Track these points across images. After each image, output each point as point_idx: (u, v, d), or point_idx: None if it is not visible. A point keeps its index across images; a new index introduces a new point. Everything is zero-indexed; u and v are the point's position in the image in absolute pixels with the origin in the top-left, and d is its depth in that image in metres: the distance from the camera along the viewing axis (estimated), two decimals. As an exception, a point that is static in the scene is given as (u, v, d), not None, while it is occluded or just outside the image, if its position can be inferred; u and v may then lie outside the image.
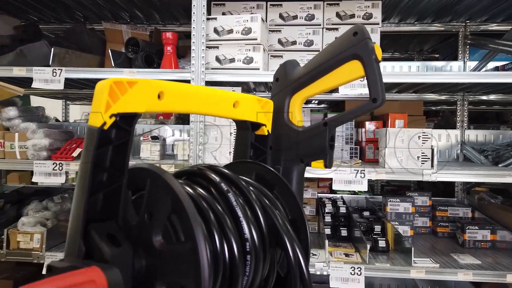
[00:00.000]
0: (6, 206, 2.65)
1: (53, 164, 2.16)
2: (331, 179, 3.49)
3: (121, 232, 0.49)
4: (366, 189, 2.10)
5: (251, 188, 0.58)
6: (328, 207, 2.67)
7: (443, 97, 3.03)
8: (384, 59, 3.76)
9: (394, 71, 2.84)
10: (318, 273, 2.10)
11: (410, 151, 2.16)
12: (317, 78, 0.67)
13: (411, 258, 2.08)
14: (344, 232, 2.54)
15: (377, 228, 2.46)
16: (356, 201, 3.06)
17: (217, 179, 0.55)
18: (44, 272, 2.15)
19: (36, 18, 3.05)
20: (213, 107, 0.61)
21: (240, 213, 0.53)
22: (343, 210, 2.63)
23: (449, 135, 2.98)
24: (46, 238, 2.21)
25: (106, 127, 0.48)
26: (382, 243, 2.33)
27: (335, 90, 2.94)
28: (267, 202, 0.58)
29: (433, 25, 3.01)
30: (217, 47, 2.19)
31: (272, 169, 0.62)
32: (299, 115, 0.71)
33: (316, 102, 3.86)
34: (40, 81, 2.19)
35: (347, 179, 2.10)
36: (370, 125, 2.70)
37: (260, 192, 0.60)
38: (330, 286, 2.09)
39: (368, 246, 2.28)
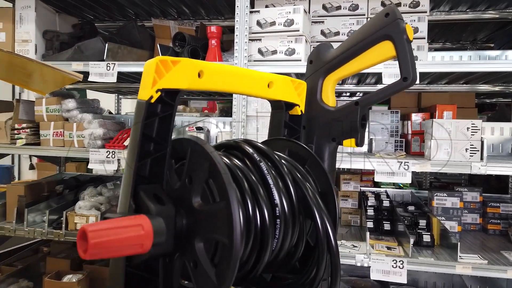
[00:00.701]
0: (65, 192, 2.87)
1: (107, 152, 2.32)
2: (375, 172, 3.44)
3: (165, 194, 0.55)
4: (410, 181, 2.05)
5: (283, 161, 0.62)
6: (371, 201, 2.64)
7: (497, 88, 2.87)
8: (435, 49, 3.62)
9: (444, 60, 2.74)
10: (358, 264, 2.10)
11: (457, 143, 2.08)
12: (350, 59, 0.69)
13: (457, 254, 2.01)
14: (387, 226, 2.50)
15: (422, 222, 2.40)
16: (401, 195, 2.99)
17: (251, 151, 0.59)
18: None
19: (92, 17, 3.26)
20: (249, 86, 0.65)
21: (271, 182, 0.57)
22: (386, 203, 2.59)
23: (502, 129, 2.82)
24: (100, 220, 2.38)
25: (152, 101, 0.54)
26: (426, 238, 2.27)
27: (380, 81, 2.89)
28: (298, 175, 0.62)
29: (487, 13, 2.86)
30: (260, 40, 2.23)
31: (303, 145, 0.65)
32: (332, 95, 0.74)
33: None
34: (95, 75, 2.36)
35: (390, 170, 2.07)
36: (416, 117, 2.63)
37: (292, 166, 0.63)
38: (371, 278, 2.08)
39: (412, 240, 2.24)
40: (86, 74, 2.38)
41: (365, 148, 2.69)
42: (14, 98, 2.68)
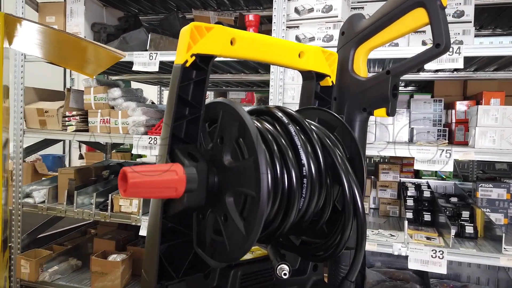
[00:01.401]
0: (110, 177, 3.03)
1: (149, 138, 2.42)
2: (415, 161, 3.35)
3: (199, 153, 0.58)
4: (451, 170, 1.99)
5: (312, 127, 0.63)
6: (411, 191, 2.57)
7: (551, 75, 2.70)
8: (483, 36, 3.44)
9: (492, 45, 2.60)
10: (396, 253, 2.06)
11: (504, 131, 1.99)
12: (382, 28, 0.69)
13: (502, 246, 1.93)
14: (427, 217, 2.43)
15: (465, 214, 2.31)
16: (444, 187, 2.89)
17: (281, 115, 0.61)
18: (140, 233, 2.41)
19: (136, 10, 3.40)
20: (280, 55, 0.67)
21: (299, 145, 0.59)
22: (427, 194, 2.52)
23: (557, 117, 2.65)
24: (142, 204, 2.49)
25: (187, 65, 0.57)
26: (469, 229, 2.19)
27: (422, 68, 2.79)
28: (327, 140, 0.63)
29: (541, -6, 2.69)
30: (297, 27, 2.23)
31: (332, 112, 0.66)
32: (364, 66, 0.74)
33: (403, 84, 3.70)
34: (139, 64, 2.46)
35: (431, 158, 2.02)
36: (461, 105, 2.52)
37: (321, 132, 0.65)
38: (409, 268, 2.04)
39: (453, 232, 2.17)
40: (130, 64, 2.49)
41: (405, 137, 2.63)
42: (65, 88, 2.85)
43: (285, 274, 0.59)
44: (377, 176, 2.85)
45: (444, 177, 2.99)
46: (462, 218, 2.29)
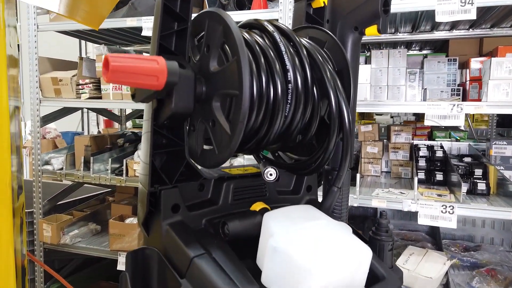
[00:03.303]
0: (125, 145, 3.10)
1: (160, 102, 2.45)
2: (430, 128, 3.30)
3: (187, 63, 0.60)
4: (463, 124, 1.95)
5: (302, 41, 0.64)
6: (423, 151, 2.55)
7: None
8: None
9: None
10: (405, 209, 2.06)
11: (518, 83, 1.93)
12: None
13: (514, 199, 1.91)
14: (439, 176, 2.41)
15: (478, 171, 2.29)
16: (458, 148, 2.85)
17: (270, 26, 0.62)
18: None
19: (145, -21, 3.38)
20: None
21: (285, 54, 0.59)
22: (439, 154, 2.50)
23: None
24: (156, 167, 2.55)
25: None
26: (481, 186, 2.17)
27: (436, 27, 2.72)
28: (317, 54, 0.63)
29: None
30: (305, -16, 2.19)
31: (322, 28, 0.66)
32: (355, -16, 0.73)
33: (418, 48, 3.61)
34: (148, 30, 2.47)
35: (442, 113, 1.98)
36: (475, 63, 2.46)
37: (311, 46, 0.65)
38: (418, 223, 2.05)
39: (465, 189, 2.16)
40: (140, 31, 2.50)
41: (418, 99, 2.59)
42: (78, 57, 2.90)
43: (271, 175, 0.61)
44: (389, 139, 2.83)
45: (458, 138, 2.94)
46: (474, 176, 2.27)
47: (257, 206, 0.63)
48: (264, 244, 0.54)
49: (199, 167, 0.63)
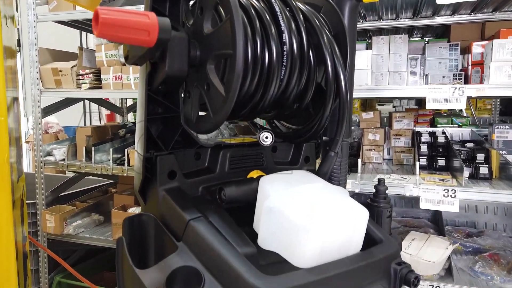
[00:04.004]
0: (127, 135, 3.10)
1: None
2: (432, 115, 3.28)
3: (180, 26, 0.59)
4: (464, 107, 1.94)
5: (299, 5, 0.63)
6: (425, 137, 2.54)
7: None
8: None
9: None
10: (407, 194, 2.06)
11: (521, 65, 1.92)
12: None
13: (516, 182, 1.90)
14: (441, 162, 2.40)
15: (480, 156, 2.27)
16: (460, 134, 2.83)
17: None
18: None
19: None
20: None
21: (281, 21, 0.58)
22: (441, 139, 2.48)
23: None
24: (157, 156, 2.55)
25: None
26: (483, 170, 2.15)
27: (438, 12, 2.69)
28: (315, 19, 0.62)
29: None
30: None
31: (318, -8, 0.65)
32: (352, -50, 0.72)
33: (420, 35, 3.58)
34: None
35: (443, 97, 1.97)
36: (477, 47, 2.43)
37: (308, 11, 0.64)
38: (420, 207, 2.04)
39: (467, 173, 2.15)
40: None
41: (420, 83, 2.57)
42: (78, 47, 2.89)
43: (266, 138, 0.60)
44: (391, 126, 2.82)
45: (461, 124, 2.92)
46: (477, 160, 2.26)
47: (254, 174, 0.63)
48: (260, 206, 0.54)
49: (196, 135, 0.62)
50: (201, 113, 0.62)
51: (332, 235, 0.51)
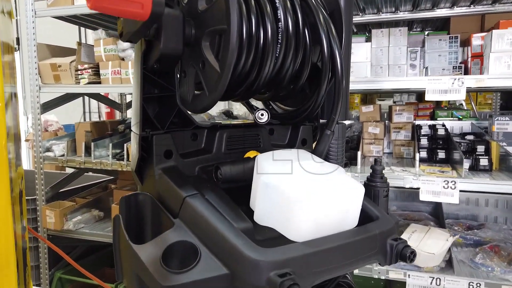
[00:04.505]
0: (126, 131, 3.10)
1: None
2: (432, 108, 3.27)
3: (175, 5, 0.58)
4: (464, 98, 1.94)
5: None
6: (425, 129, 2.54)
7: None
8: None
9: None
10: (407, 186, 2.05)
11: (520, 55, 1.91)
12: None
13: (516, 173, 1.89)
14: (441, 155, 2.40)
15: (480, 148, 2.27)
16: (460, 127, 2.82)
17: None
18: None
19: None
20: None
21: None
22: (441, 132, 2.48)
23: None
24: (157, 151, 2.55)
25: None
26: (484, 162, 2.15)
27: (437, 4, 2.68)
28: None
29: None
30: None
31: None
32: None
33: (419, 29, 3.57)
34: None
35: (443, 88, 1.97)
36: (477, 39, 2.42)
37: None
38: (420, 199, 2.04)
39: (467, 165, 2.15)
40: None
41: (419, 76, 2.57)
42: (76, 42, 2.89)
43: (262, 115, 0.60)
44: (391, 119, 2.81)
45: (461, 117, 2.92)
46: (477, 152, 2.26)
47: (251, 154, 0.63)
48: (256, 182, 0.54)
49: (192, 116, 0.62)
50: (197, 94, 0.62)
51: (327, 209, 0.51)
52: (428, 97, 2.00)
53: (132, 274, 0.51)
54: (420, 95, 3.99)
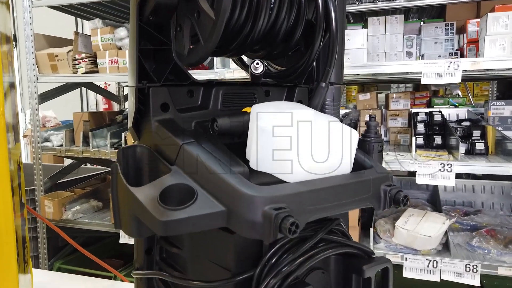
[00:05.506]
0: (124, 121, 3.10)
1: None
2: (429, 97, 3.28)
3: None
4: (460, 80, 1.95)
5: None
6: (421, 116, 2.55)
7: None
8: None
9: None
10: (404, 169, 2.07)
11: (515, 37, 1.92)
12: None
13: (512, 155, 1.91)
14: (438, 140, 2.41)
15: (476, 133, 2.29)
16: (456, 114, 2.84)
17: None
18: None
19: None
20: None
21: None
22: (438, 118, 2.49)
23: None
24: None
25: None
26: (479, 145, 2.17)
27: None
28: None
29: None
30: None
31: None
32: None
33: (415, 18, 3.58)
34: None
35: (439, 71, 1.98)
36: (472, 25, 2.43)
37: None
38: (417, 182, 2.05)
39: (463, 149, 2.16)
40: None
41: (416, 65, 2.58)
42: (73, 31, 2.89)
43: (257, 64, 0.61)
44: (388, 107, 2.83)
45: (457, 105, 2.93)
46: (473, 137, 2.27)
47: (247, 110, 0.63)
48: (252, 129, 0.55)
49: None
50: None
51: (321, 151, 0.52)
52: (424, 81, 2.01)
53: (130, 217, 0.52)
54: (418, 85, 4.01)
